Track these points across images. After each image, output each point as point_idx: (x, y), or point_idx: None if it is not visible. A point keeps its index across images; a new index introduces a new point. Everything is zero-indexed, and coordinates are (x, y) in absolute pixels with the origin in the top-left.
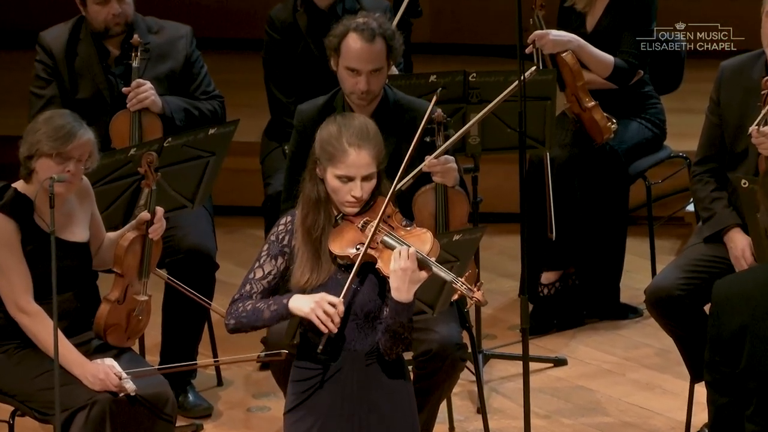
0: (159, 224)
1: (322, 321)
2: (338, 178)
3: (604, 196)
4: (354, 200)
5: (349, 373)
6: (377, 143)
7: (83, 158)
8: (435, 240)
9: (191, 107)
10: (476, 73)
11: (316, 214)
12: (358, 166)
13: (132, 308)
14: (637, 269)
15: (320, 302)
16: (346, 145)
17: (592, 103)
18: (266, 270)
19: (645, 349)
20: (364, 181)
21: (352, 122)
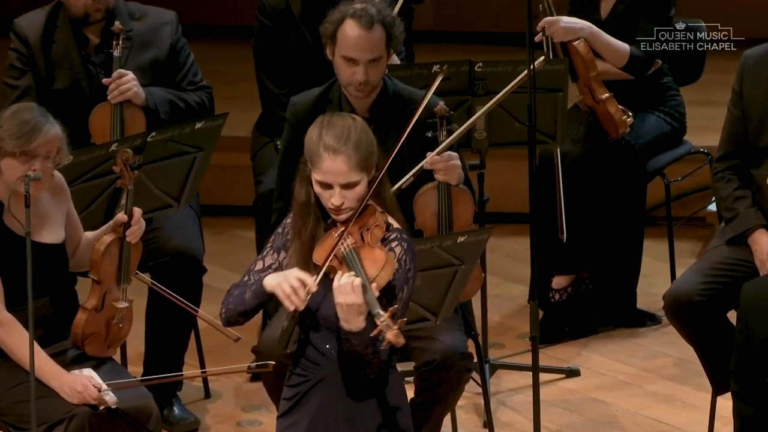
0: (137, 226)
1: (286, 294)
2: (318, 183)
3: (620, 194)
4: (334, 207)
5: (330, 384)
6: (360, 148)
7: (51, 155)
8: (388, 264)
9: (177, 99)
10: (482, 63)
11: (305, 216)
12: (334, 174)
13: (111, 316)
14: (655, 273)
15: (287, 275)
16: (321, 150)
17: (606, 95)
18: (267, 263)
19: (663, 359)
20: (344, 189)
21: (336, 123)
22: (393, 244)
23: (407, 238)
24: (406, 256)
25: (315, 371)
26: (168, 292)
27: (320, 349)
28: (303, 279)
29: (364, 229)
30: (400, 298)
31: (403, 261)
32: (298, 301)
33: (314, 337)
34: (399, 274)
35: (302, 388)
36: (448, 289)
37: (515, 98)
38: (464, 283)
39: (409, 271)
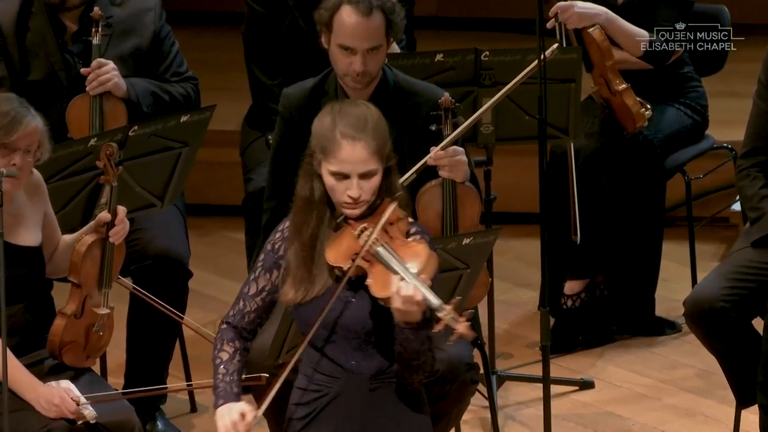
0: (121, 226)
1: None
2: (333, 174)
3: (637, 193)
4: (351, 201)
5: (350, 398)
6: (378, 136)
7: (31, 149)
8: (431, 256)
9: (160, 91)
10: (489, 52)
11: (307, 214)
12: (352, 162)
13: (91, 323)
14: (675, 278)
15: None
16: (338, 137)
17: (623, 86)
18: (260, 285)
19: (684, 370)
20: (362, 179)
21: (350, 110)
22: (417, 237)
23: (427, 231)
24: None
25: (331, 385)
26: (151, 297)
27: (338, 361)
28: (243, 411)
29: (388, 224)
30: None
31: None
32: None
33: (330, 350)
34: None
35: (318, 404)
36: (452, 294)
37: (525, 89)
38: (470, 288)
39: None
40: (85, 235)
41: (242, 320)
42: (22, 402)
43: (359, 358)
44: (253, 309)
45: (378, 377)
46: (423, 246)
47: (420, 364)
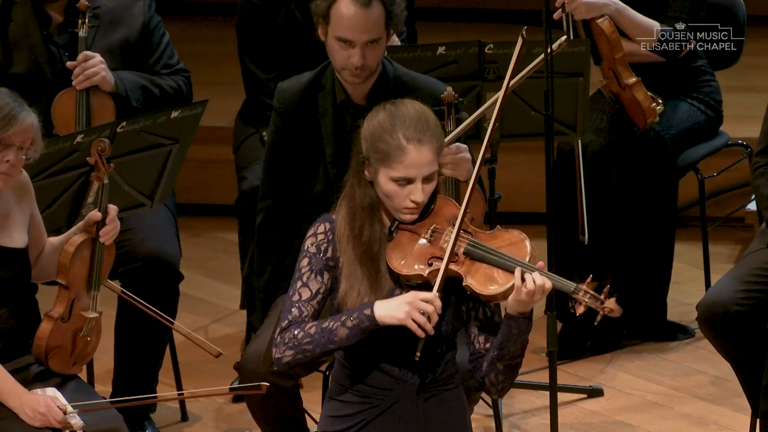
0: (112, 225)
1: (420, 324)
2: (395, 180)
3: (648, 192)
4: (414, 206)
5: (404, 409)
6: (438, 134)
7: (25, 145)
8: (528, 240)
9: (150, 84)
10: (493, 45)
11: (372, 224)
12: (419, 166)
13: (79, 327)
14: (688, 280)
15: (414, 302)
16: (403, 141)
17: (633, 80)
18: (314, 289)
19: (697, 377)
20: (425, 183)
21: (407, 111)
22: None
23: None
24: None
25: (384, 396)
26: (140, 301)
27: (391, 372)
28: (431, 299)
29: (453, 218)
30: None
31: None
32: (430, 328)
33: (382, 359)
34: None
35: (366, 416)
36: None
37: (531, 84)
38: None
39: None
40: (74, 235)
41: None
42: (6, 410)
43: (413, 367)
44: (309, 314)
45: (431, 386)
46: (516, 233)
47: (518, 363)
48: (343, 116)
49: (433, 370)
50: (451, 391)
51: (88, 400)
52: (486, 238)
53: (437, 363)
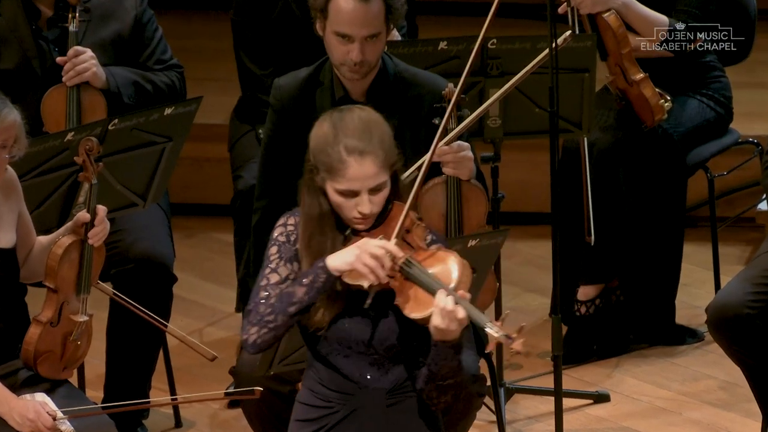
0: (101, 227)
1: (372, 268)
2: (340, 193)
3: (656, 191)
4: (362, 217)
5: (366, 415)
6: (385, 144)
7: (8, 143)
8: (465, 266)
9: (143, 80)
10: (497, 39)
11: (322, 234)
12: (362, 179)
13: (68, 331)
14: (697, 282)
15: (364, 245)
16: (344, 154)
17: (640, 76)
18: (283, 275)
19: (707, 382)
20: (372, 194)
21: (350, 119)
22: (433, 247)
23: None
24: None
25: (346, 401)
26: (132, 304)
27: (352, 377)
28: (384, 245)
29: (404, 232)
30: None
31: None
32: (383, 273)
33: (344, 364)
34: None
35: (328, 420)
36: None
37: (535, 80)
38: (476, 293)
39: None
40: (62, 237)
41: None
42: None
43: (375, 373)
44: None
45: (395, 392)
46: (453, 256)
47: (453, 383)
48: None
49: (399, 375)
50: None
51: (78, 406)
52: (424, 257)
53: (403, 369)
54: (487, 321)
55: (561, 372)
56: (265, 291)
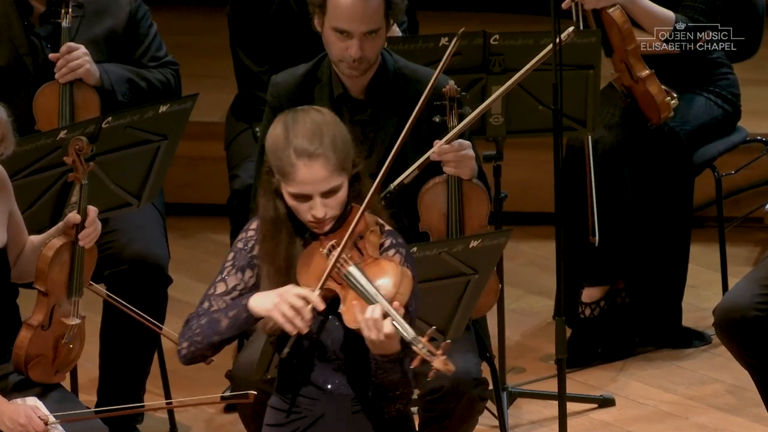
0: (92, 228)
1: (289, 318)
2: (293, 196)
3: (662, 190)
4: (317, 221)
5: (332, 422)
6: (337, 147)
7: None
8: (404, 277)
9: (137, 77)
10: (499, 35)
11: (276, 235)
12: (312, 183)
13: (60, 334)
14: (704, 284)
15: (285, 295)
16: (293, 157)
17: (646, 72)
18: (230, 284)
19: (714, 386)
20: (326, 197)
21: (302, 121)
22: (390, 252)
23: (402, 241)
24: (407, 263)
25: (312, 407)
26: (126, 306)
27: (317, 383)
28: (305, 295)
29: (357, 238)
30: (411, 311)
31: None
32: (303, 324)
33: (308, 371)
34: None
35: (297, 426)
36: (458, 303)
37: (538, 77)
38: (477, 295)
39: (413, 279)
40: (52, 238)
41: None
42: None
43: (339, 379)
44: (221, 309)
45: (364, 400)
46: (394, 265)
47: (398, 395)
48: (341, 111)
49: (368, 383)
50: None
51: (71, 410)
52: (367, 265)
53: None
54: (413, 336)
55: (565, 375)
56: (208, 301)
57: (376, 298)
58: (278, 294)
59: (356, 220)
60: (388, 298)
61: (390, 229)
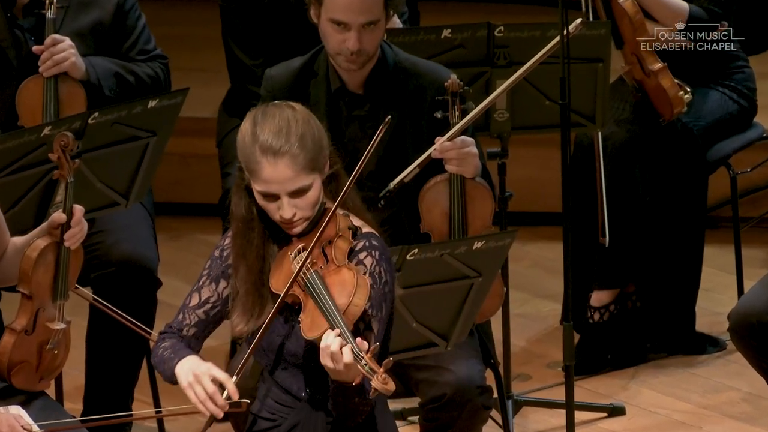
0: (78, 228)
1: (200, 400)
2: (261, 195)
3: (675, 189)
4: (286, 222)
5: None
6: (306, 145)
7: None
8: (360, 290)
9: (124, 71)
10: (504, 27)
11: (248, 234)
12: (278, 182)
13: (45, 340)
14: (719, 287)
15: (200, 376)
16: (258, 155)
17: (658, 66)
18: (204, 296)
19: (729, 394)
20: (295, 198)
21: (271, 117)
22: (362, 255)
23: (378, 243)
24: (379, 266)
25: (287, 414)
26: (114, 310)
27: (290, 389)
28: (221, 380)
29: (326, 242)
30: (379, 319)
31: (377, 274)
32: (216, 409)
33: (281, 377)
34: (374, 291)
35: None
36: (461, 307)
37: (545, 70)
38: (481, 299)
39: (386, 284)
40: (36, 239)
41: (180, 334)
42: None
43: (313, 387)
44: (193, 323)
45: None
46: (352, 274)
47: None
48: (338, 106)
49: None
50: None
51: (56, 420)
52: (329, 273)
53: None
54: (356, 352)
55: (573, 383)
56: (182, 313)
57: (328, 309)
58: (194, 374)
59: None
60: (341, 310)
61: (368, 231)
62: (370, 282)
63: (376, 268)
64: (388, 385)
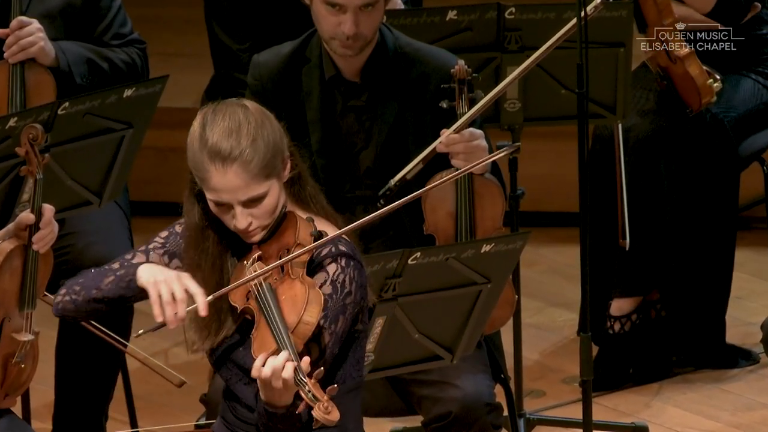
0: (47, 230)
1: (162, 302)
2: (213, 203)
3: (703, 187)
4: (242, 231)
5: None
6: (259, 149)
7: None
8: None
9: (97, 57)
10: (515, 8)
11: (202, 243)
12: (228, 191)
13: (10, 352)
14: (751, 295)
15: (173, 280)
16: (206, 161)
17: (685, 51)
18: (152, 260)
19: (762, 412)
20: (248, 207)
21: (221, 117)
22: (326, 262)
23: (346, 249)
24: (344, 275)
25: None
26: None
27: (249, 403)
28: (193, 292)
29: (284, 251)
30: (332, 332)
31: (339, 283)
32: (172, 316)
33: (244, 392)
34: (332, 302)
35: None
36: (468, 316)
37: (561, 56)
38: (490, 308)
39: (349, 295)
40: (1, 242)
41: None
42: None
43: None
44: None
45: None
46: (304, 289)
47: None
48: (333, 96)
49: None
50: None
51: None
52: (283, 286)
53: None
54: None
55: (591, 400)
56: (117, 263)
57: (276, 328)
58: (166, 274)
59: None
60: (290, 328)
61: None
62: (329, 291)
63: (339, 276)
64: (330, 415)
